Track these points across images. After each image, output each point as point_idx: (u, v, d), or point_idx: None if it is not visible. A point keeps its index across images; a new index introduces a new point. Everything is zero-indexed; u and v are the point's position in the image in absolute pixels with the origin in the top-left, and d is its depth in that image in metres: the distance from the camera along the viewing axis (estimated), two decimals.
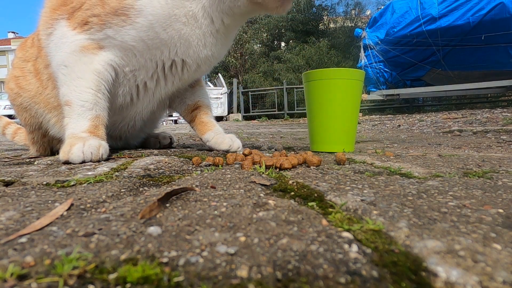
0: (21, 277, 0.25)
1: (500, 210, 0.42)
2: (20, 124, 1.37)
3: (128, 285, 0.25)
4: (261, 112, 10.66)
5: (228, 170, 0.72)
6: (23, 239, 0.32)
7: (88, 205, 0.44)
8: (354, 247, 0.31)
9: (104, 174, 0.67)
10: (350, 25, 13.88)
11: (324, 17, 14.57)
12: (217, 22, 0.94)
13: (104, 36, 0.90)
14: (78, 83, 0.90)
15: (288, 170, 0.74)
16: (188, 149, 1.32)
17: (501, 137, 1.88)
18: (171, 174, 0.69)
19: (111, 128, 1.06)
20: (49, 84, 1.03)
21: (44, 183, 0.60)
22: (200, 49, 0.97)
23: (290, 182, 0.60)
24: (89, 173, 0.68)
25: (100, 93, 0.92)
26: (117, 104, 1.02)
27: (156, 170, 0.73)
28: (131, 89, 1.02)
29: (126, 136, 1.25)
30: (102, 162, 0.85)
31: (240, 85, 12.02)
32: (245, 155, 0.93)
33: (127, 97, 1.03)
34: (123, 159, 0.92)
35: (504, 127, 2.32)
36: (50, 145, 1.20)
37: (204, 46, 0.97)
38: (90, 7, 0.89)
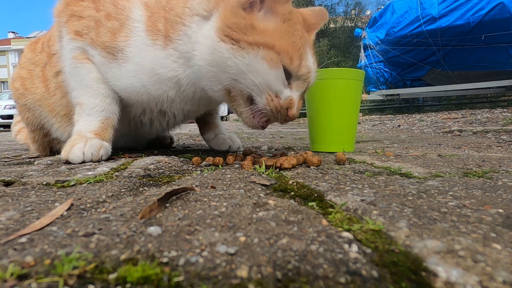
0: (21, 277, 0.25)
1: (500, 210, 0.42)
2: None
3: (128, 285, 0.25)
4: None
5: (228, 170, 0.72)
6: (23, 239, 0.32)
7: (88, 205, 0.44)
8: (354, 247, 0.31)
9: (104, 174, 0.67)
10: (350, 25, 13.87)
11: None
12: (200, 91, 0.88)
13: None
14: (87, 89, 0.91)
15: (288, 170, 0.74)
16: (188, 149, 1.32)
17: (501, 137, 1.88)
18: (171, 174, 0.69)
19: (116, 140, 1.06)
20: (57, 93, 1.03)
21: (44, 183, 0.60)
22: (184, 106, 0.94)
23: (290, 182, 0.60)
24: (89, 173, 0.68)
25: (109, 98, 0.92)
26: (119, 128, 1.01)
27: (156, 170, 0.73)
28: (130, 121, 1.03)
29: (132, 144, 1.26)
30: (102, 162, 0.85)
31: None
32: (245, 155, 0.93)
33: (126, 126, 1.04)
34: (123, 159, 0.92)
35: (504, 127, 2.32)
36: (50, 145, 1.20)
37: (187, 104, 0.93)
38: (87, 28, 0.87)
